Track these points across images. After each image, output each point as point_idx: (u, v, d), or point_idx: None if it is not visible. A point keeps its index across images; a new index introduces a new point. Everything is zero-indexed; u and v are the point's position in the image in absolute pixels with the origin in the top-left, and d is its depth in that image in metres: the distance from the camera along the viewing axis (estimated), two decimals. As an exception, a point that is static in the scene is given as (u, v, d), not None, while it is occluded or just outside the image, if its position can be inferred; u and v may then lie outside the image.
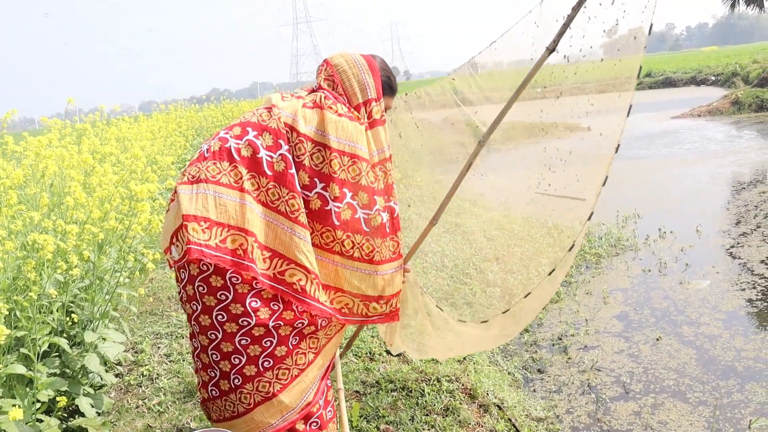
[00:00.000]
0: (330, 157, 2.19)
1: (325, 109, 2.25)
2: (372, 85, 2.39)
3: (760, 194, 9.37)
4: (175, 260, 2.12)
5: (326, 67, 2.40)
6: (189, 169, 2.16)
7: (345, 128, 2.24)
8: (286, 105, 2.27)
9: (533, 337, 5.14)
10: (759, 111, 20.72)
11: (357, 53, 2.45)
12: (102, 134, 7.10)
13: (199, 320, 2.14)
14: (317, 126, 2.22)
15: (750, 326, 5.06)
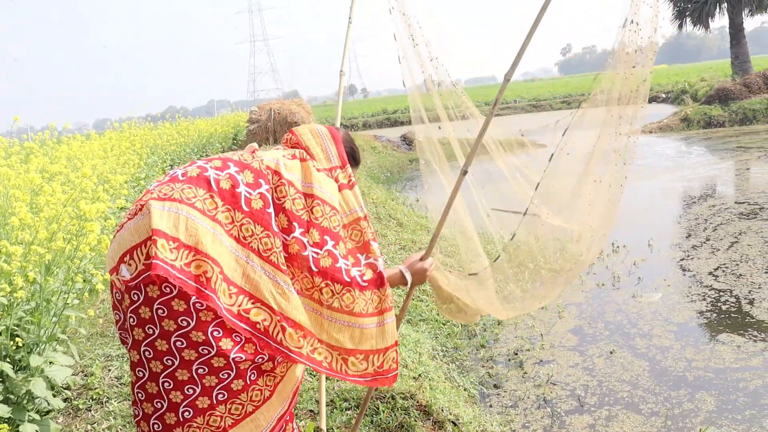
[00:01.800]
0: (312, 204, 2.21)
1: (307, 161, 2.30)
2: (335, 153, 2.45)
3: (710, 208, 9.59)
4: (126, 280, 1.97)
5: (291, 137, 2.46)
6: (160, 187, 2.06)
7: (326, 182, 2.30)
8: (267, 153, 2.29)
9: (489, 352, 5.16)
10: (707, 127, 21.27)
11: (320, 125, 2.52)
12: (52, 153, 6.97)
13: (155, 345, 2.00)
14: (302, 177, 2.26)
15: (700, 337, 5.16)
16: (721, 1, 25.53)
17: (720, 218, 8.84)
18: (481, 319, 5.77)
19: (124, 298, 2.01)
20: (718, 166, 13.61)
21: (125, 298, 2.01)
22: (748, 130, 19.76)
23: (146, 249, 1.93)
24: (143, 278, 1.92)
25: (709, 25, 26.77)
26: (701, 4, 25.85)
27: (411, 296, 3.03)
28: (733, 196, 10.50)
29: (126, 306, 2.01)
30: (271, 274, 2.08)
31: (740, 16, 25.51)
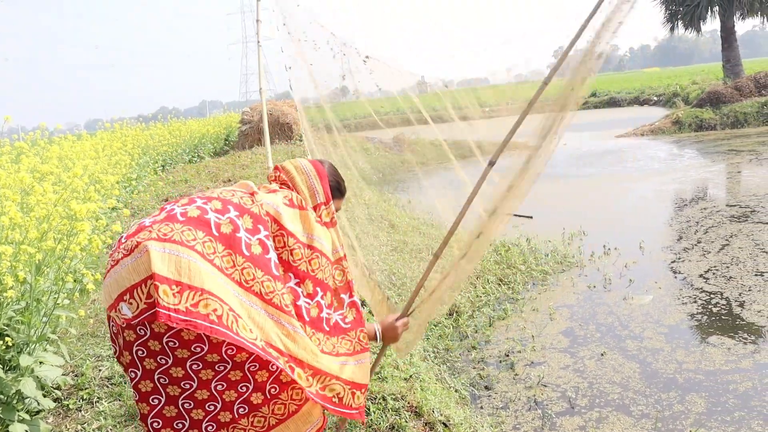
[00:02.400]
0: (312, 256, 2.24)
1: (306, 211, 2.33)
2: (321, 190, 2.47)
3: (702, 210, 9.63)
4: (128, 318, 1.92)
5: (278, 174, 2.47)
6: (159, 226, 2.00)
7: (323, 232, 2.34)
8: (267, 197, 2.28)
9: (480, 354, 5.17)
10: (698, 130, 21.35)
11: (306, 160, 2.54)
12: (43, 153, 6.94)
13: (170, 372, 2.00)
14: (303, 228, 2.28)
15: (691, 339, 5.18)
16: (713, 5, 25.61)
17: (711, 221, 8.88)
18: (472, 321, 5.78)
19: (125, 333, 1.98)
20: (709, 169, 13.67)
21: (127, 334, 1.97)
22: (740, 133, 19.86)
23: (146, 288, 1.90)
24: (147, 317, 1.89)
25: (700, 29, 26.86)
26: (693, 7, 25.93)
27: (383, 353, 3.09)
28: (724, 199, 10.54)
29: (130, 340, 1.98)
30: (275, 317, 2.09)
31: (732, 20, 25.61)
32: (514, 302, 6.31)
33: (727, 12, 25.26)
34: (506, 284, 6.78)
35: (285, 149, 13.89)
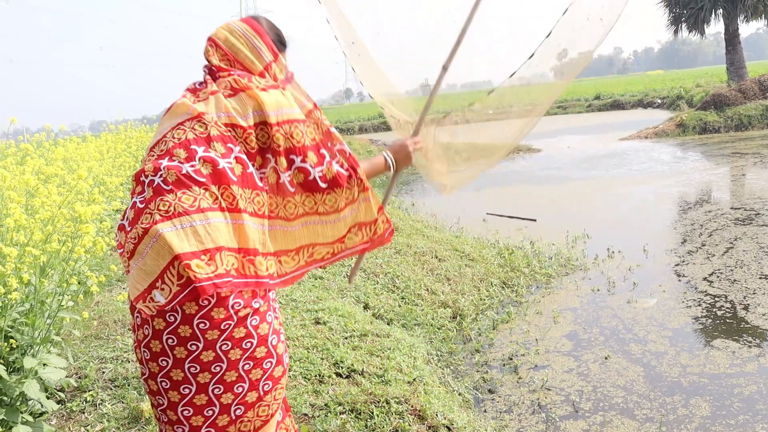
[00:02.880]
0: (272, 132, 2.14)
1: (248, 90, 2.17)
2: (264, 48, 2.32)
3: (706, 213, 9.61)
4: (161, 305, 1.91)
5: (215, 48, 2.29)
6: (154, 204, 1.97)
7: (275, 99, 2.20)
8: (209, 105, 2.15)
9: (484, 357, 5.16)
10: (702, 133, 21.32)
11: (236, 21, 2.36)
12: (48, 154, 6.96)
13: (200, 359, 1.98)
14: (253, 109, 2.15)
15: (695, 342, 5.17)
16: (717, 8, 25.60)
17: (716, 224, 8.87)
18: (476, 324, 5.78)
19: (153, 322, 1.98)
20: (713, 172, 13.65)
21: (156, 322, 1.98)
22: (744, 135, 19.83)
23: (175, 270, 1.90)
24: (183, 297, 1.89)
25: (704, 31, 26.84)
26: (697, 10, 25.92)
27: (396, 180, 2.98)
28: (728, 202, 10.52)
29: (160, 328, 1.98)
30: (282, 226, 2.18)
31: (735, 23, 25.59)
32: (517, 305, 6.30)
33: (731, 15, 25.24)
34: (510, 287, 6.78)
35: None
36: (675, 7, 26.93)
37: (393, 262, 6.63)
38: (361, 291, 5.75)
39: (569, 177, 14.70)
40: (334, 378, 3.86)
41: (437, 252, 7.28)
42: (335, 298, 5.35)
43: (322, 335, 4.40)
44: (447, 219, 10.14)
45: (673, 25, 27.40)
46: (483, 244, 8.20)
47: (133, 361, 3.88)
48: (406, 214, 10.32)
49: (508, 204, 11.54)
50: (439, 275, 6.67)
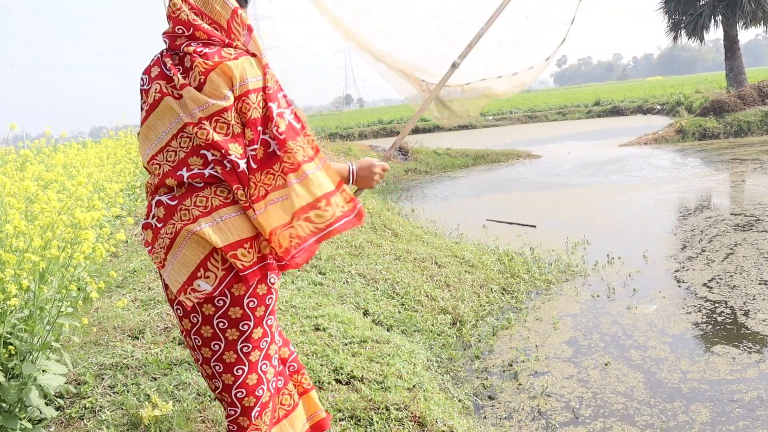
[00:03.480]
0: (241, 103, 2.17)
1: (218, 66, 2.15)
2: (221, 2, 2.25)
3: (706, 219, 9.62)
4: (208, 292, 2.10)
5: (182, 3, 2.23)
6: (194, 201, 2.13)
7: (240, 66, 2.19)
8: (193, 105, 2.15)
9: (484, 363, 5.16)
10: (702, 139, 21.36)
11: None
12: (48, 160, 6.96)
13: (252, 336, 2.23)
14: (228, 86, 2.16)
15: (695, 348, 5.16)
16: (716, 14, 25.65)
17: (716, 230, 8.87)
18: (476, 330, 5.77)
19: (202, 308, 2.16)
20: (713, 178, 13.66)
21: (206, 308, 2.16)
22: (743, 141, 19.86)
23: (218, 256, 2.10)
24: (228, 281, 2.11)
25: (703, 38, 26.89)
26: (696, 16, 25.97)
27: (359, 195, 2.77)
28: (728, 208, 10.53)
29: (209, 314, 2.17)
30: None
31: (735, 29, 25.64)
32: (517, 312, 6.29)
33: (730, 21, 25.29)
34: (510, 293, 6.77)
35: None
36: (674, 14, 27.00)
37: (393, 269, 6.63)
38: (361, 297, 5.74)
39: (569, 183, 14.70)
40: (333, 384, 3.86)
41: (437, 258, 7.28)
42: (335, 304, 5.34)
43: (322, 341, 4.39)
44: (447, 225, 10.13)
45: (672, 31, 27.46)
46: (483, 251, 8.19)
47: (132, 368, 3.88)
48: (405, 220, 10.32)
49: (508, 210, 11.55)
50: (439, 281, 6.66)
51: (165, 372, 3.84)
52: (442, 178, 17.93)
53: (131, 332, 4.33)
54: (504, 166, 19.39)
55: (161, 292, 5.00)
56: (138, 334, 4.31)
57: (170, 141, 2.21)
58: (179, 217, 2.12)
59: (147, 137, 2.27)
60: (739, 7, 24.65)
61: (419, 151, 21.09)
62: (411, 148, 21.07)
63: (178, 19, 2.22)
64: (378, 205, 10.67)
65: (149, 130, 2.26)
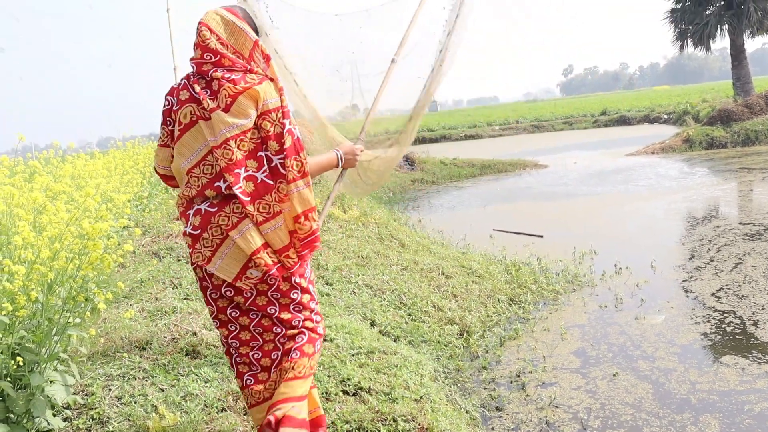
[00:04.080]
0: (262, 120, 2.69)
1: (246, 91, 2.63)
2: (249, 29, 2.75)
3: (714, 228, 9.58)
4: (260, 278, 2.71)
5: (210, 34, 2.68)
6: (232, 208, 2.67)
7: (267, 95, 2.68)
8: (215, 124, 2.64)
9: (491, 374, 5.14)
10: (709, 148, 21.31)
11: (220, 10, 2.76)
12: (56, 171, 6.98)
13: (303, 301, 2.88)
14: (253, 106, 2.66)
15: (704, 359, 5.13)
16: (722, 23, 25.65)
17: (724, 239, 8.83)
18: (483, 341, 5.75)
19: (258, 286, 2.77)
20: (721, 187, 13.62)
21: (260, 286, 2.78)
22: (751, 151, 19.80)
23: (260, 254, 2.67)
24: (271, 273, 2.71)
25: (710, 47, 26.88)
26: (702, 25, 25.98)
27: (341, 179, 3.70)
28: (737, 217, 10.49)
29: (263, 290, 2.79)
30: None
31: (741, 38, 25.62)
32: (525, 322, 6.27)
33: (737, 30, 25.28)
34: (517, 304, 6.75)
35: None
36: (680, 23, 27.01)
37: (400, 279, 6.62)
38: (368, 308, 5.74)
39: (576, 193, 14.68)
40: (341, 396, 3.85)
41: (444, 268, 7.27)
42: (342, 315, 5.34)
43: (329, 352, 4.39)
44: (453, 235, 10.13)
45: (678, 40, 27.46)
46: (490, 261, 8.18)
47: (139, 378, 3.88)
48: (412, 230, 10.31)
49: (515, 220, 11.53)
50: (446, 292, 6.65)
51: (172, 383, 3.84)
52: (449, 188, 17.93)
53: (139, 343, 4.33)
54: (511, 176, 19.38)
55: (169, 303, 5.02)
56: (145, 344, 4.32)
57: (206, 155, 2.68)
58: (219, 222, 2.66)
59: (181, 153, 2.73)
60: (745, 16, 24.65)
61: (426, 161, 21.10)
62: (417, 158, 21.08)
63: (206, 48, 2.66)
64: (385, 215, 10.68)
65: (183, 147, 2.72)
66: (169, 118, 2.78)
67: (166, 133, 2.81)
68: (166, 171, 2.92)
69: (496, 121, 44.22)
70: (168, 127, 2.79)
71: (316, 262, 6.65)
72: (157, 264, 6.12)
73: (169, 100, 2.77)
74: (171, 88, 2.80)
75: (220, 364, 4.10)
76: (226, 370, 4.01)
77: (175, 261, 6.29)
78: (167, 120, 2.79)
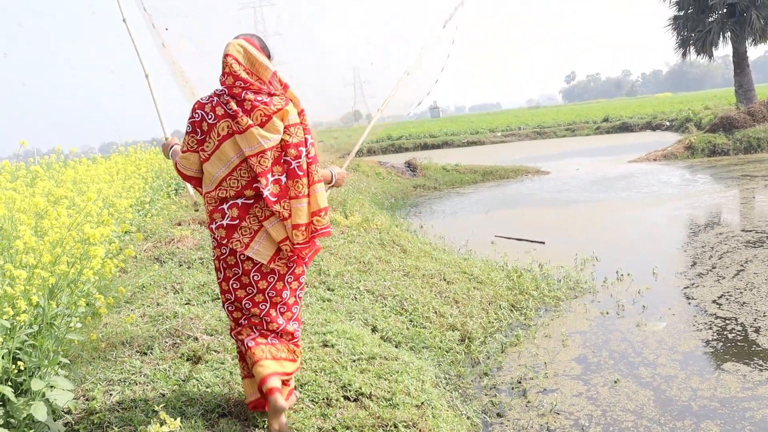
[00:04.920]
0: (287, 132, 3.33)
1: (277, 113, 3.27)
2: (267, 60, 3.32)
3: (717, 235, 9.57)
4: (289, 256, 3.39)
5: (238, 64, 3.24)
6: (263, 203, 3.30)
7: (289, 114, 3.32)
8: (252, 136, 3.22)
9: (492, 380, 5.13)
10: (711, 156, 21.30)
11: (242, 42, 3.29)
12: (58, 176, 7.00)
13: (302, 280, 3.59)
14: (283, 123, 3.30)
15: (706, 366, 5.12)
16: (725, 31, 25.68)
17: (726, 246, 8.82)
18: (484, 347, 5.75)
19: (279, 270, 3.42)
20: (723, 194, 13.61)
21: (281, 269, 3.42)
22: (753, 158, 19.79)
23: (286, 242, 3.34)
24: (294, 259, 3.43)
25: (712, 54, 26.89)
26: (705, 33, 26.00)
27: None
28: (739, 224, 10.49)
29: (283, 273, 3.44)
30: None
31: (744, 45, 25.65)
32: (526, 328, 6.27)
33: (739, 38, 25.32)
34: (518, 310, 6.75)
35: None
36: (683, 30, 27.04)
37: (401, 285, 6.62)
38: (369, 313, 5.73)
39: (578, 199, 14.68)
40: (341, 401, 3.84)
41: (445, 274, 7.27)
42: (343, 321, 5.34)
43: (330, 358, 4.38)
44: (455, 241, 10.13)
45: (681, 47, 27.49)
46: (491, 267, 8.18)
47: (140, 383, 3.88)
48: (414, 236, 10.31)
49: (517, 226, 11.53)
50: (448, 298, 6.65)
51: (173, 388, 3.84)
52: (451, 194, 17.93)
53: (140, 348, 4.34)
54: (513, 183, 19.38)
55: (170, 308, 5.02)
56: (146, 350, 4.32)
57: (240, 164, 3.25)
58: (256, 212, 3.30)
59: (220, 159, 3.25)
60: (748, 24, 24.68)
61: (428, 167, 21.11)
62: (419, 164, 21.09)
63: (236, 76, 3.22)
64: (387, 221, 10.68)
65: (222, 154, 3.25)
66: (199, 129, 3.27)
67: (195, 141, 3.28)
68: (194, 173, 3.38)
69: (499, 128, 44.25)
70: (197, 136, 3.28)
71: (318, 267, 6.66)
72: (159, 269, 6.13)
73: (199, 113, 3.26)
74: (199, 102, 3.30)
75: (221, 369, 4.10)
76: (227, 375, 4.01)
77: (176, 266, 6.30)
78: (196, 130, 3.27)
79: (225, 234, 3.26)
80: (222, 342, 4.45)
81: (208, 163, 3.27)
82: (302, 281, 3.56)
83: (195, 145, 3.29)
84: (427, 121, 79.69)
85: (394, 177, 19.83)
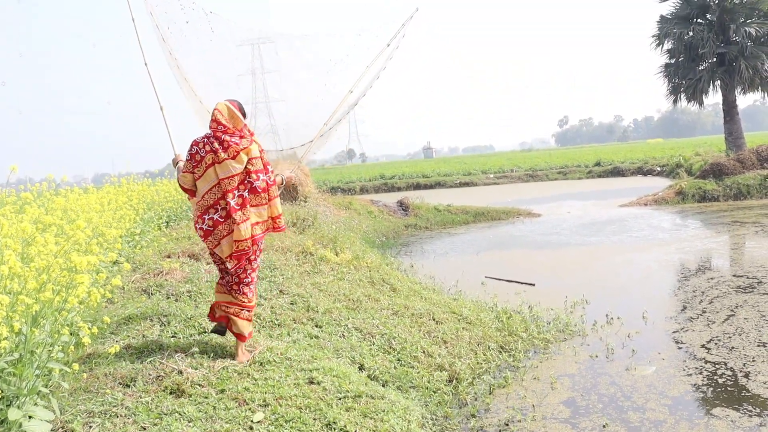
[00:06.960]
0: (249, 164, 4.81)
1: (243, 150, 4.74)
2: (240, 115, 4.84)
3: (708, 280, 9.58)
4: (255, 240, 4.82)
5: (222, 116, 4.77)
6: (241, 211, 4.75)
7: (252, 148, 4.81)
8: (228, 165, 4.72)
9: (480, 422, 5.06)
10: (701, 201, 21.42)
11: (226, 103, 4.83)
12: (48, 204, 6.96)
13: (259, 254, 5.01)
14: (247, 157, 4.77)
15: (695, 411, 5.08)
16: (715, 79, 26.08)
17: (717, 291, 8.82)
18: (472, 388, 5.69)
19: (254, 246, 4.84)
20: (714, 240, 13.66)
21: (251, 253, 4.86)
22: (743, 204, 19.92)
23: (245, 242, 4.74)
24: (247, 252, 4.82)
25: (703, 102, 27.27)
26: (695, 81, 26.39)
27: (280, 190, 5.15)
28: (729, 270, 10.50)
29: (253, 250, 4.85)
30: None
31: (733, 94, 26.03)
32: (515, 370, 6.21)
33: (729, 86, 25.71)
34: (507, 351, 6.70)
35: (290, 209, 13.88)
36: (674, 78, 27.43)
37: (390, 323, 6.57)
38: (357, 351, 5.68)
39: (569, 242, 14.69)
40: (327, 438, 3.78)
41: (435, 314, 7.22)
42: (330, 358, 5.28)
43: (316, 395, 4.32)
44: (445, 281, 10.10)
45: (672, 94, 27.87)
46: (481, 308, 8.14)
47: (121, 416, 3.80)
48: (404, 275, 10.27)
49: (508, 268, 11.51)
50: (436, 337, 6.60)
51: (155, 422, 3.76)
52: (442, 235, 17.92)
53: (122, 380, 4.26)
54: (504, 224, 19.40)
55: (155, 340, 4.96)
56: (129, 382, 4.24)
57: (217, 183, 4.66)
58: (223, 228, 4.68)
59: (205, 179, 4.68)
60: (737, 73, 25.09)
61: (419, 207, 21.13)
62: (412, 204, 21.11)
63: (219, 123, 4.73)
64: (377, 259, 10.64)
65: (207, 177, 4.68)
66: (194, 158, 4.70)
67: (191, 166, 4.71)
68: (190, 186, 4.77)
69: (491, 169, 44.48)
70: (192, 162, 4.70)
71: (306, 303, 6.61)
72: (146, 300, 6.06)
73: (195, 148, 4.71)
74: (195, 141, 4.74)
75: (204, 403, 4.03)
76: (210, 409, 3.95)
77: (164, 298, 6.24)
78: (192, 158, 4.70)
79: (203, 234, 4.73)
80: (206, 376, 4.39)
81: (199, 181, 4.72)
82: (255, 266, 4.95)
83: (191, 168, 4.72)
84: (421, 161, 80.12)
85: (386, 216, 19.83)
